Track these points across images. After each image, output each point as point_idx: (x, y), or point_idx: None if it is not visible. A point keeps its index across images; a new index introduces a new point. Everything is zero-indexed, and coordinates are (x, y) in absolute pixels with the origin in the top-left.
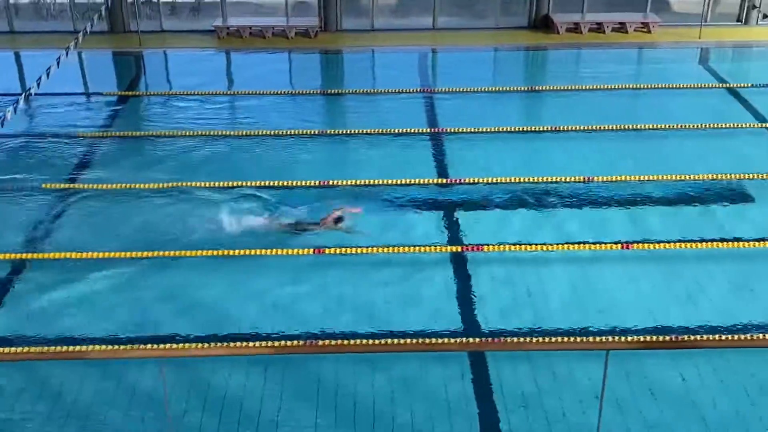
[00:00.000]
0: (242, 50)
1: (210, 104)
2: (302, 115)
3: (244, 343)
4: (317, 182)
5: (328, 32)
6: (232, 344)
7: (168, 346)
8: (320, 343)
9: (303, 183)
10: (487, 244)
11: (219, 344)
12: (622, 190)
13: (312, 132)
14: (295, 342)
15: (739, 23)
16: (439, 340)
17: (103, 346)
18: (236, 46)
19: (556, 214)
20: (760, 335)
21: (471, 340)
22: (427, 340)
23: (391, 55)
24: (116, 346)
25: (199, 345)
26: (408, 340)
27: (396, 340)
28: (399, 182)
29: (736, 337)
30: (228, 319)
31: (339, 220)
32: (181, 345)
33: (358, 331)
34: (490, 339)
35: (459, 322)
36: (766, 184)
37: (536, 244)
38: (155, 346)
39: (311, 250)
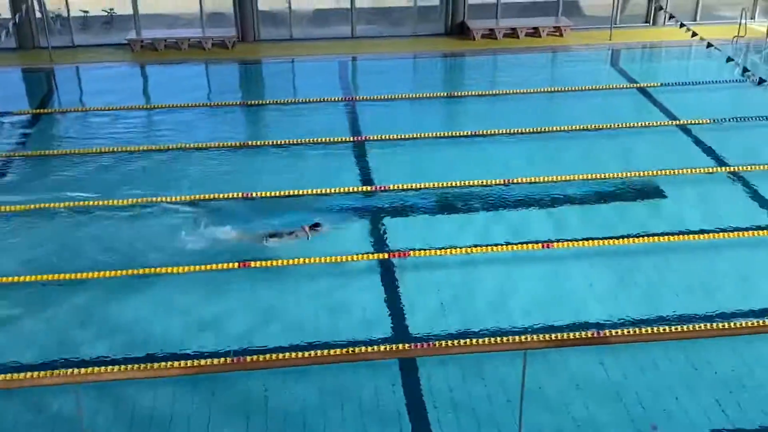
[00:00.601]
0: (158, 63)
1: (126, 119)
2: (222, 127)
3: (167, 364)
4: (240, 194)
5: (246, 43)
6: (153, 365)
7: (85, 370)
8: (248, 359)
9: (226, 195)
10: (414, 250)
11: (140, 366)
12: (542, 191)
13: (233, 144)
14: (221, 360)
15: (647, 24)
16: (368, 349)
17: (20, 375)
18: (151, 59)
19: (479, 217)
20: (678, 328)
21: (400, 346)
22: (356, 349)
23: (311, 65)
24: (31, 373)
25: (119, 368)
26: (337, 351)
27: (325, 352)
28: (324, 191)
29: (656, 329)
30: (150, 340)
31: (316, 225)
32: (99, 369)
33: (286, 344)
34: (418, 344)
35: (388, 329)
36: (678, 179)
37: (461, 248)
38: (72, 371)
39: (237, 264)
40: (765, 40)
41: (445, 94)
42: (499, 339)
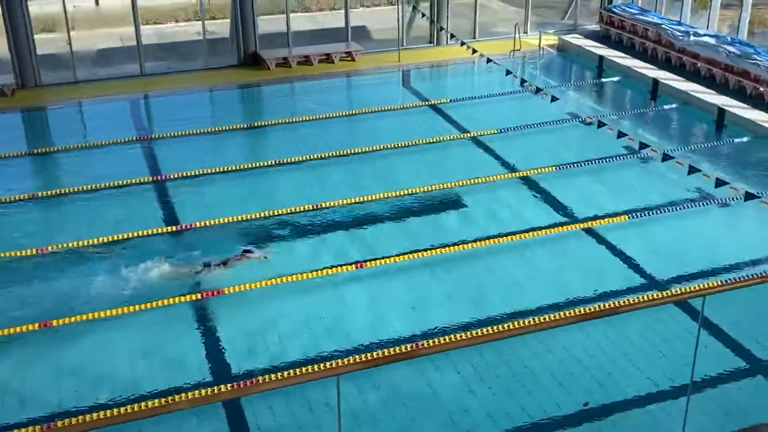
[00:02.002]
0: None
1: None
2: (4, 181)
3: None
4: (35, 251)
5: (27, 89)
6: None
7: None
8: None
9: (18, 254)
10: (225, 288)
11: None
12: (351, 213)
13: (19, 198)
14: None
15: (432, 45)
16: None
17: None
18: None
19: (289, 246)
20: (491, 329)
21: (222, 388)
22: (176, 398)
23: (100, 106)
24: None
25: None
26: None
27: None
28: (127, 236)
29: (468, 334)
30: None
31: (248, 251)
32: None
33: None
34: (239, 383)
35: (207, 372)
36: (476, 188)
37: (269, 279)
38: None
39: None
40: (538, 51)
41: (245, 126)
42: (313, 367)
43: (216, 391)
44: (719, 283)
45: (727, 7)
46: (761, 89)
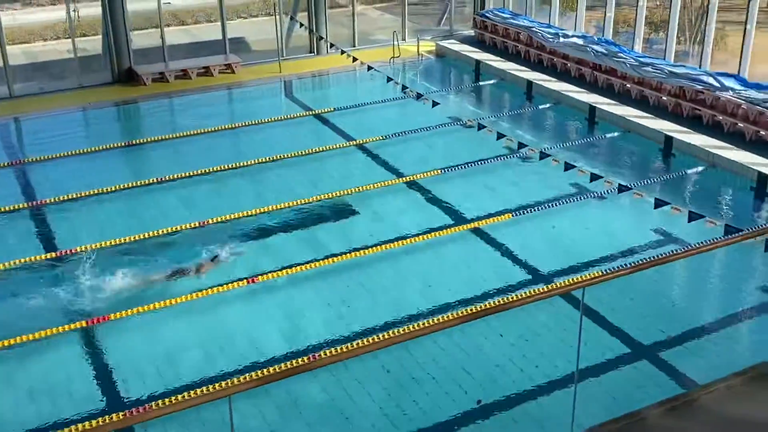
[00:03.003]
0: None
1: None
2: None
3: None
4: None
5: None
6: None
7: None
8: None
9: None
10: (116, 312)
11: None
12: (239, 227)
13: None
14: None
15: (313, 54)
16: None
17: None
18: None
19: (174, 266)
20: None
21: (114, 416)
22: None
23: None
24: None
25: None
26: None
27: None
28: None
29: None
30: None
31: (215, 258)
32: None
33: None
34: (131, 411)
35: (98, 400)
36: (365, 195)
37: (160, 302)
38: None
39: None
40: (417, 58)
41: (123, 144)
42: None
43: (106, 421)
44: (598, 274)
45: (592, 8)
46: (628, 86)
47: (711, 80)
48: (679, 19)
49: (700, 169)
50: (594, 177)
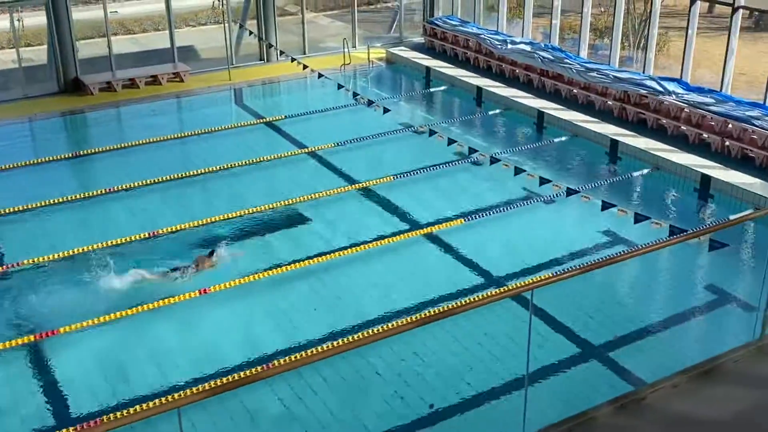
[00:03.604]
0: None
1: None
2: None
3: None
4: None
5: None
6: None
7: None
8: None
9: None
10: (62, 327)
11: None
12: (192, 236)
13: None
14: None
15: (263, 62)
16: None
17: None
18: None
19: (123, 278)
20: (340, 341)
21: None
22: None
23: None
24: None
25: None
26: None
27: None
28: None
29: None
30: None
31: (211, 254)
32: None
33: None
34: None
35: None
36: (318, 202)
37: (107, 315)
38: None
39: None
40: (368, 65)
41: (72, 155)
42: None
43: None
44: (548, 276)
45: (538, 16)
46: (575, 91)
47: (654, 85)
48: (623, 26)
49: (645, 171)
50: (543, 181)
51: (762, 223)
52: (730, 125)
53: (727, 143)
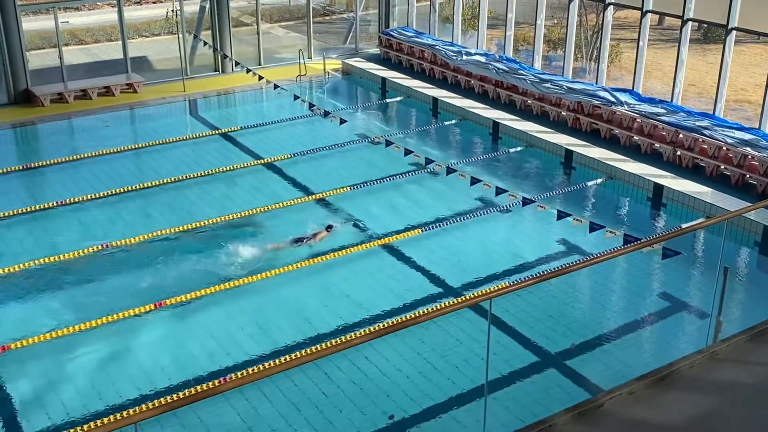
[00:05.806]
0: None
1: None
2: None
3: None
4: None
5: None
6: None
7: None
8: None
9: None
10: (13, 342)
11: None
12: (144, 250)
13: None
14: None
15: (218, 72)
16: None
17: None
18: None
19: (76, 292)
20: (302, 351)
21: None
22: None
23: None
24: None
25: None
26: None
27: None
28: None
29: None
30: None
31: (329, 228)
32: None
33: None
34: None
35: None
36: (274, 214)
37: (54, 331)
38: None
39: None
40: (324, 76)
41: (22, 167)
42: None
43: None
44: (505, 285)
45: (493, 27)
46: (529, 102)
47: (607, 95)
48: (576, 37)
49: (599, 181)
50: (499, 191)
51: (713, 231)
52: (681, 135)
53: (678, 153)
